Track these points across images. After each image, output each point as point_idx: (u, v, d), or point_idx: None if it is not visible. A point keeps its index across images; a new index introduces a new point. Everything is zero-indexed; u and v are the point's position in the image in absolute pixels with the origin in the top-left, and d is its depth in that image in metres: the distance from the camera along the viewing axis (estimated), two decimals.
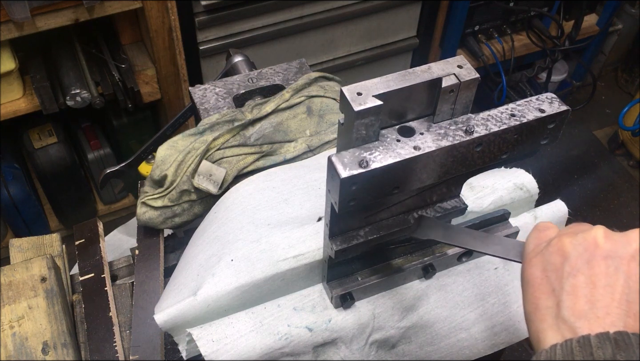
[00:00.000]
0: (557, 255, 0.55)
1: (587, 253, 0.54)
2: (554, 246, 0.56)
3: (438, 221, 0.74)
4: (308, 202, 0.89)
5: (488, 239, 0.69)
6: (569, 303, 0.52)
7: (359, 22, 2.23)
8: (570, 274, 0.53)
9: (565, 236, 0.56)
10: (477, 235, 0.70)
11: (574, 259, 0.54)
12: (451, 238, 0.71)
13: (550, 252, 0.56)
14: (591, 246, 0.54)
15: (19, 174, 2.17)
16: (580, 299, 0.52)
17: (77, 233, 1.06)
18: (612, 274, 0.52)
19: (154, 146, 1.13)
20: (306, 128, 1.06)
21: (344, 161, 0.58)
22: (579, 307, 0.51)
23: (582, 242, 0.55)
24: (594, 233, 0.55)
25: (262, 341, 0.77)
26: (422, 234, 0.73)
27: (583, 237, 0.55)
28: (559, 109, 0.64)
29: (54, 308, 0.92)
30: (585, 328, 0.50)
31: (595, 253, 0.54)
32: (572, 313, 0.51)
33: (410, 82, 0.61)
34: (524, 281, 0.58)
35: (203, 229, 0.91)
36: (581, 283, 0.52)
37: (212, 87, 1.15)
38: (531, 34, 2.66)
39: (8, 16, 1.63)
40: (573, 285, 0.53)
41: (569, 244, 0.55)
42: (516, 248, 0.65)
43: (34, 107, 1.91)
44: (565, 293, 0.53)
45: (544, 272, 0.56)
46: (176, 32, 1.88)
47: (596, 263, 0.53)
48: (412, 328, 0.86)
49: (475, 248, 0.70)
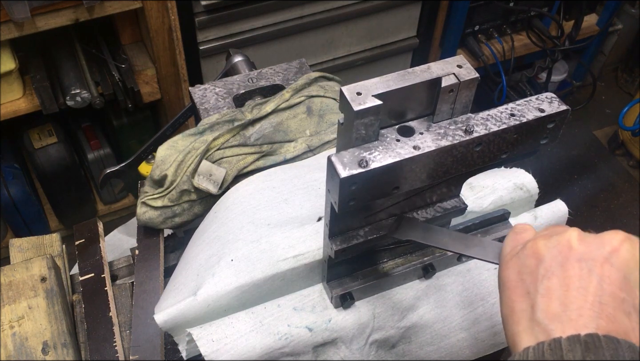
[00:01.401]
0: (532, 258, 0.56)
1: (561, 255, 0.54)
2: (529, 248, 0.57)
3: (418, 222, 0.74)
4: (308, 202, 0.89)
5: (467, 241, 0.69)
6: (542, 305, 0.52)
7: (359, 22, 2.23)
8: (544, 276, 0.54)
9: (540, 239, 0.57)
10: (457, 236, 0.70)
11: (548, 262, 0.54)
12: (430, 238, 0.71)
13: (525, 255, 0.57)
14: (565, 249, 0.54)
15: (19, 174, 2.17)
16: (553, 301, 0.52)
17: (77, 233, 1.06)
18: (585, 277, 0.52)
19: (154, 146, 1.13)
20: (306, 128, 1.06)
21: (343, 160, 0.58)
22: (553, 309, 0.51)
23: (556, 245, 0.55)
24: (568, 236, 0.55)
25: (262, 341, 0.77)
26: (401, 235, 0.73)
27: (557, 240, 0.55)
28: (558, 108, 0.64)
29: (54, 308, 0.92)
30: (559, 331, 0.50)
31: (569, 255, 0.54)
32: (546, 316, 0.51)
33: (410, 82, 0.61)
34: (500, 283, 0.59)
35: (203, 229, 0.91)
36: (555, 286, 0.52)
37: (212, 87, 1.15)
38: (531, 34, 2.66)
39: (8, 16, 1.63)
40: (547, 288, 0.53)
41: (543, 247, 0.56)
42: (495, 250, 0.65)
43: (34, 107, 1.91)
44: (540, 295, 0.53)
45: (519, 275, 0.56)
46: (176, 32, 1.88)
47: (570, 266, 0.53)
48: (412, 328, 0.86)
49: (454, 250, 0.69)
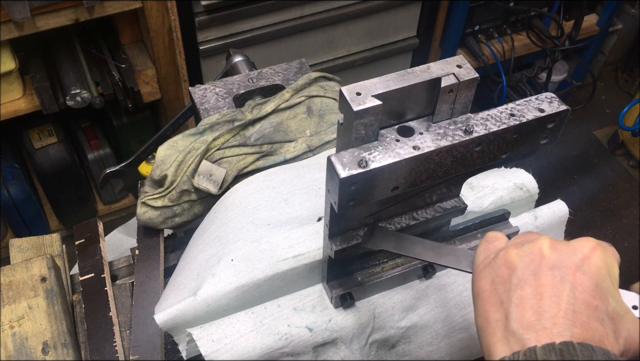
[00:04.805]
0: (504, 267, 0.56)
1: (534, 264, 0.54)
2: (501, 258, 0.57)
3: (390, 231, 0.73)
4: (308, 202, 0.89)
5: (441, 250, 0.68)
6: (516, 315, 0.52)
7: (359, 22, 2.23)
8: (517, 286, 0.53)
9: (511, 248, 0.57)
10: (430, 245, 0.69)
11: (520, 271, 0.54)
12: (403, 248, 0.70)
13: (497, 264, 0.56)
14: (537, 257, 0.54)
15: (19, 174, 2.17)
16: (527, 310, 0.51)
17: (77, 233, 1.06)
18: (558, 285, 0.52)
19: (154, 146, 1.13)
20: (306, 128, 1.06)
21: (343, 161, 0.58)
22: (527, 319, 0.51)
23: (528, 253, 0.55)
24: (540, 244, 0.55)
25: (262, 341, 0.77)
26: (373, 245, 0.72)
27: (529, 248, 0.55)
28: (558, 108, 0.64)
29: (54, 308, 0.92)
30: (533, 340, 0.50)
31: (542, 263, 0.54)
32: (520, 325, 0.51)
33: (410, 82, 0.61)
34: (474, 293, 0.58)
35: (203, 229, 0.91)
36: (528, 295, 0.52)
37: (212, 87, 1.15)
38: (531, 34, 2.66)
39: (8, 16, 1.63)
40: (520, 297, 0.53)
41: (515, 256, 0.55)
42: (468, 259, 0.65)
43: (34, 107, 1.92)
44: (513, 305, 0.52)
45: (493, 284, 0.56)
46: (176, 32, 1.88)
47: (542, 274, 0.53)
48: (412, 328, 0.86)
49: (427, 259, 0.69)
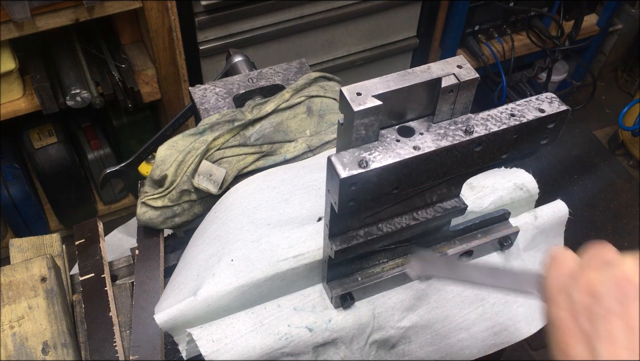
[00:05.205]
0: (585, 294, 0.49)
1: (619, 291, 0.48)
2: (582, 284, 0.50)
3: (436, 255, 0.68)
4: (308, 202, 0.89)
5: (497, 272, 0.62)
6: (605, 352, 0.46)
7: (359, 22, 2.23)
8: (603, 317, 0.48)
9: (591, 272, 0.51)
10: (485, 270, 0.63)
11: (605, 300, 0.48)
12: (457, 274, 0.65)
13: (577, 291, 0.50)
14: (623, 283, 0.48)
15: (19, 174, 2.17)
16: (618, 348, 0.46)
17: (77, 233, 1.06)
18: None
19: (154, 146, 1.13)
20: (306, 128, 1.06)
21: (343, 161, 0.58)
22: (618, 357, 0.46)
23: (611, 278, 0.49)
24: (625, 267, 0.49)
25: (262, 341, 0.77)
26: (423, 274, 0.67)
27: (612, 273, 0.49)
28: (558, 108, 0.64)
29: (54, 308, 0.92)
30: None
31: (629, 290, 0.48)
32: None
33: (410, 82, 0.61)
34: (549, 322, 0.52)
35: (203, 229, 0.91)
36: (617, 328, 0.47)
37: (212, 87, 1.15)
38: (531, 34, 2.66)
39: (8, 16, 1.63)
40: (608, 331, 0.47)
41: (597, 282, 0.49)
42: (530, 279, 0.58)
43: (34, 107, 1.91)
44: (600, 340, 0.47)
45: (572, 313, 0.50)
46: (176, 32, 1.88)
47: (631, 303, 0.47)
48: (412, 328, 0.86)
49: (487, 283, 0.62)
